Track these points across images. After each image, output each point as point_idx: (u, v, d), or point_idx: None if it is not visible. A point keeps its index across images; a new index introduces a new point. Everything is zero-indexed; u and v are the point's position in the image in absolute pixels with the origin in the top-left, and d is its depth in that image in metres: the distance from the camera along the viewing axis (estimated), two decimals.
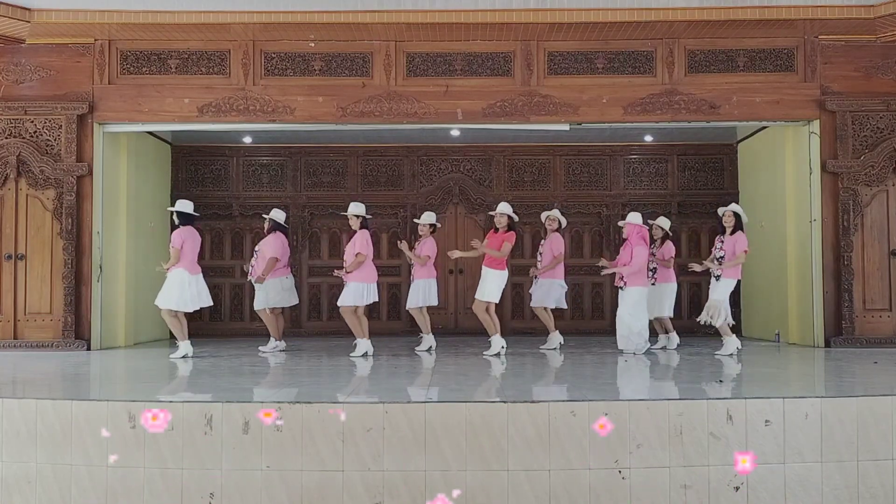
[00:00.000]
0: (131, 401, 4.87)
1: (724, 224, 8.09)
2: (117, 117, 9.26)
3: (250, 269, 8.84)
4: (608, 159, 11.83)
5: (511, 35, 9.17)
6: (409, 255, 8.91)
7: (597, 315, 11.72)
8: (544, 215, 9.28)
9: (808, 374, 7.01)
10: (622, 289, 8.26)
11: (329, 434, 4.65)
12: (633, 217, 8.38)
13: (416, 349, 8.76)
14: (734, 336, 8.15)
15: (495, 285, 8.21)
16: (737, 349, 8.05)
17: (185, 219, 8.18)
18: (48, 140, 9.13)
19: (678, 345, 8.89)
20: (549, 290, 8.97)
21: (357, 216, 8.31)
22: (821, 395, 5.00)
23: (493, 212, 8.64)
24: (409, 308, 9.08)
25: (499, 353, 8.10)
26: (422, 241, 8.91)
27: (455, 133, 10.87)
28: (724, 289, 7.97)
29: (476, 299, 8.31)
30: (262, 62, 9.33)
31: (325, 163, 11.82)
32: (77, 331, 9.03)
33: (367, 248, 8.14)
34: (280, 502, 4.62)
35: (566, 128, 9.44)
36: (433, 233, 9.01)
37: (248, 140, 11.44)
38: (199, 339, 10.78)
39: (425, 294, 8.86)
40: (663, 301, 8.83)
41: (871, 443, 4.83)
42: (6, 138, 9.08)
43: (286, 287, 8.91)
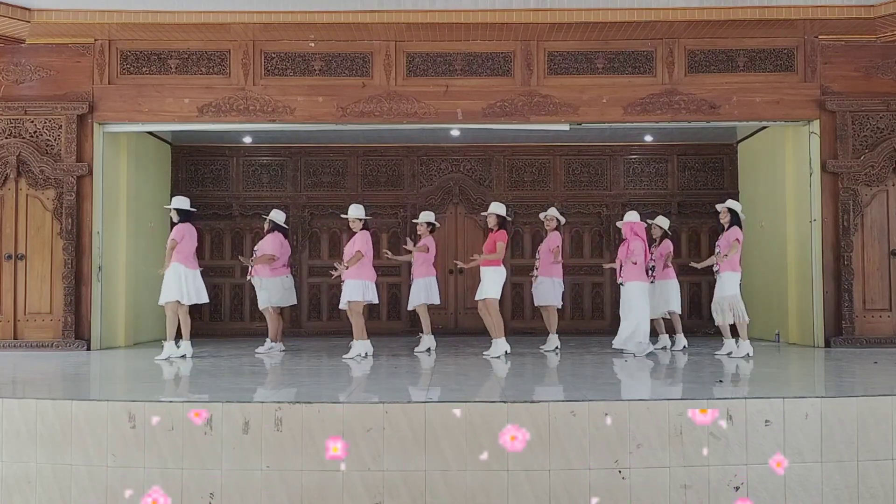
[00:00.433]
0: (131, 401, 4.87)
1: (721, 221, 8.11)
2: (117, 117, 9.26)
3: (250, 268, 8.85)
4: (608, 159, 11.83)
5: (511, 35, 9.17)
6: (411, 248, 8.91)
7: (597, 315, 11.73)
8: (542, 215, 9.27)
9: (808, 374, 7.01)
10: (623, 285, 8.23)
11: (329, 434, 4.65)
12: (631, 216, 8.37)
13: (416, 350, 8.74)
14: (747, 341, 7.96)
15: (493, 282, 8.17)
16: (748, 354, 7.87)
17: (183, 215, 8.19)
18: (48, 140, 9.13)
19: (684, 347, 8.77)
20: (551, 288, 8.87)
21: (360, 219, 8.31)
22: (821, 395, 4.99)
23: (485, 213, 8.59)
24: (412, 307, 9.07)
25: (500, 356, 7.99)
26: (421, 242, 8.92)
27: (455, 133, 10.87)
28: (728, 284, 7.88)
29: (483, 299, 8.20)
30: (262, 62, 9.33)
31: (325, 163, 11.83)
32: (77, 331, 9.03)
33: (367, 247, 8.15)
34: (280, 502, 4.62)
35: (566, 128, 9.44)
36: (432, 232, 9.02)
37: (248, 140, 11.44)
38: (199, 339, 10.77)
39: (427, 292, 8.86)
40: (666, 298, 8.77)
41: (871, 443, 4.83)
42: (6, 138, 9.08)
43: (286, 287, 8.93)
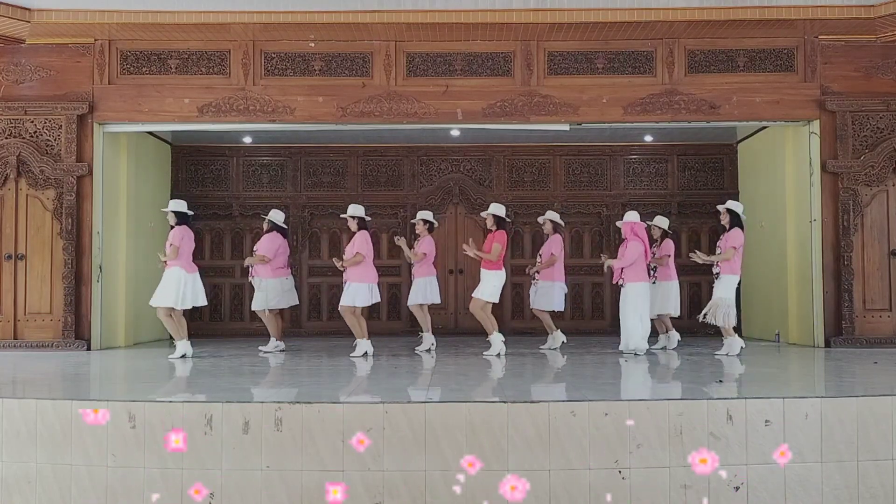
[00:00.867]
0: (131, 401, 4.87)
1: (722, 221, 8.14)
2: (117, 117, 9.26)
3: (251, 269, 8.85)
4: (608, 159, 11.83)
5: (511, 35, 9.17)
6: (408, 254, 8.92)
7: (597, 315, 11.73)
8: (541, 219, 9.27)
9: (808, 374, 7.01)
10: (623, 286, 8.22)
11: (329, 434, 4.65)
12: (630, 216, 8.37)
13: (416, 349, 8.75)
14: (737, 336, 8.07)
15: (492, 286, 8.19)
16: (741, 349, 8.00)
17: (181, 218, 8.20)
18: (48, 140, 9.13)
19: (678, 342, 8.87)
20: (548, 293, 8.93)
21: (354, 217, 8.31)
22: (821, 395, 5.00)
23: (484, 213, 8.59)
24: (410, 305, 9.08)
25: (499, 353, 8.06)
26: (420, 241, 8.92)
27: (455, 133, 10.87)
28: (724, 286, 7.94)
29: (473, 297, 8.28)
30: (262, 62, 9.33)
31: (325, 163, 11.82)
32: (77, 331, 9.03)
33: (366, 248, 8.15)
34: (280, 502, 4.62)
35: (566, 128, 9.44)
36: (431, 231, 9.01)
37: (248, 140, 11.44)
38: (199, 339, 10.77)
39: (425, 292, 8.86)
40: (666, 299, 8.77)
41: (871, 443, 4.83)
42: (6, 138, 9.08)
43: (286, 288, 8.91)
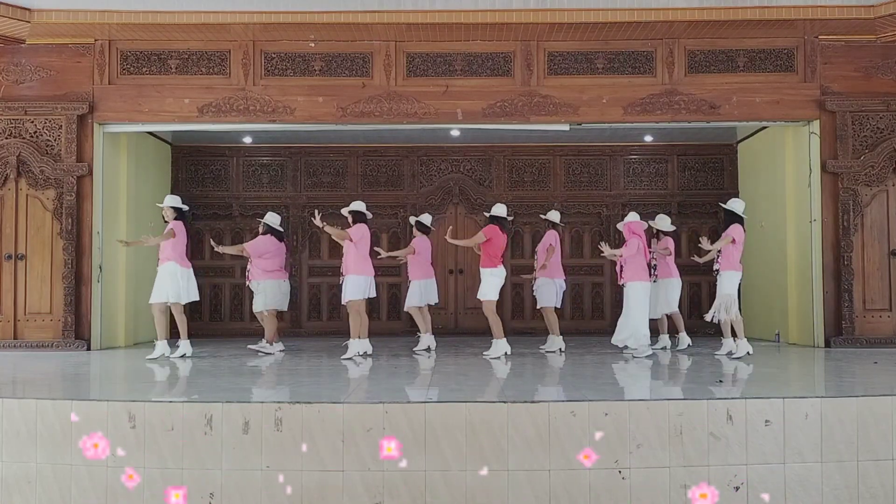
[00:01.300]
0: (131, 401, 4.87)
1: (725, 221, 8.07)
2: (117, 117, 9.26)
3: (247, 273, 8.83)
4: (608, 159, 11.83)
5: (511, 35, 9.17)
6: (397, 253, 8.91)
7: (597, 315, 11.72)
8: (543, 216, 9.23)
9: (808, 374, 7.01)
10: (624, 285, 8.13)
11: (329, 434, 4.65)
12: (630, 217, 8.32)
13: (414, 350, 8.72)
14: (745, 340, 7.93)
15: (490, 284, 8.12)
16: (748, 352, 7.87)
17: (178, 213, 8.22)
18: (48, 140, 9.13)
19: (689, 345, 8.72)
20: (548, 289, 8.81)
21: (350, 213, 8.23)
22: (821, 395, 4.99)
23: (488, 213, 8.57)
24: (406, 308, 9.06)
25: (500, 357, 7.95)
26: (413, 240, 8.93)
27: (455, 133, 10.87)
28: (727, 282, 7.85)
29: (481, 300, 8.20)
30: (262, 62, 9.33)
31: (325, 163, 11.83)
32: (77, 331, 9.03)
33: (359, 237, 8.02)
34: (280, 502, 4.62)
35: (566, 128, 9.44)
36: (427, 234, 9.00)
37: (248, 140, 11.44)
38: (199, 339, 10.77)
39: (421, 293, 8.83)
40: (667, 297, 8.71)
41: (871, 443, 4.83)
42: (6, 138, 9.08)
43: (283, 291, 8.87)
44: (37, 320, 9.11)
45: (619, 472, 4.66)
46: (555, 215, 9.11)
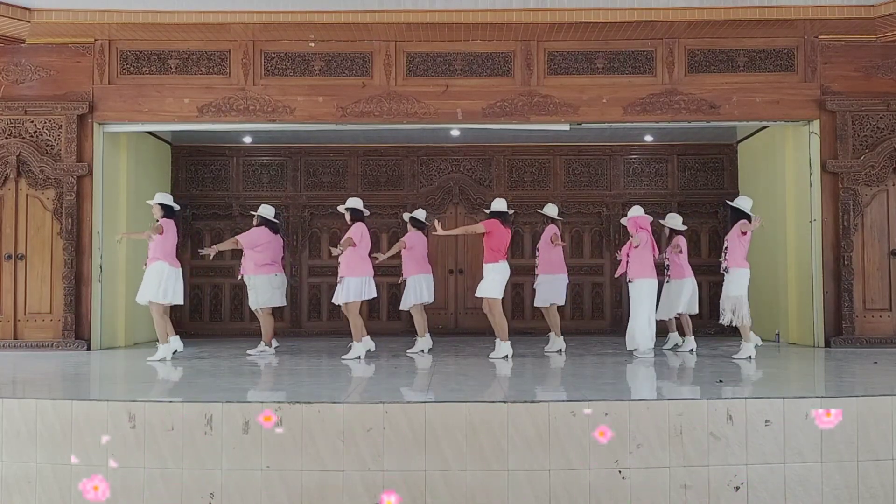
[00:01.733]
0: (131, 401, 4.87)
1: (731, 219, 7.93)
2: (117, 117, 9.26)
3: (240, 268, 8.70)
4: (608, 159, 11.83)
5: (511, 35, 9.17)
6: (392, 252, 8.84)
7: (597, 315, 11.72)
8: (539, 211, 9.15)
9: (808, 374, 7.01)
10: (631, 282, 8.02)
11: (329, 434, 4.65)
12: (634, 211, 8.22)
13: (408, 352, 8.61)
14: (752, 343, 7.77)
15: (494, 281, 7.91)
16: (749, 356, 7.63)
17: (168, 211, 8.09)
18: (48, 140, 9.13)
19: (692, 350, 8.48)
20: (552, 286, 8.69)
21: (347, 210, 8.14)
22: (821, 395, 5.00)
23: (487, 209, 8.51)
24: (403, 308, 8.99)
25: (506, 356, 7.86)
26: (405, 236, 8.87)
27: (455, 133, 10.87)
28: (734, 283, 7.63)
29: (484, 298, 7.99)
30: (262, 62, 9.34)
31: (325, 163, 11.83)
32: (77, 331, 9.03)
33: (359, 238, 7.95)
34: (280, 502, 4.62)
35: (566, 128, 9.44)
36: (421, 229, 8.93)
37: (248, 140, 11.44)
38: (199, 339, 10.79)
39: (417, 291, 8.73)
40: (679, 298, 8.53)
41: (871, 443, 4.83)
42: (6, 138, 9.08)
43: (275, 285, 8.63)
44: (37, 320, 9.11)
45: (619, 472, 4.66)
46: (552, 209, 8.95)
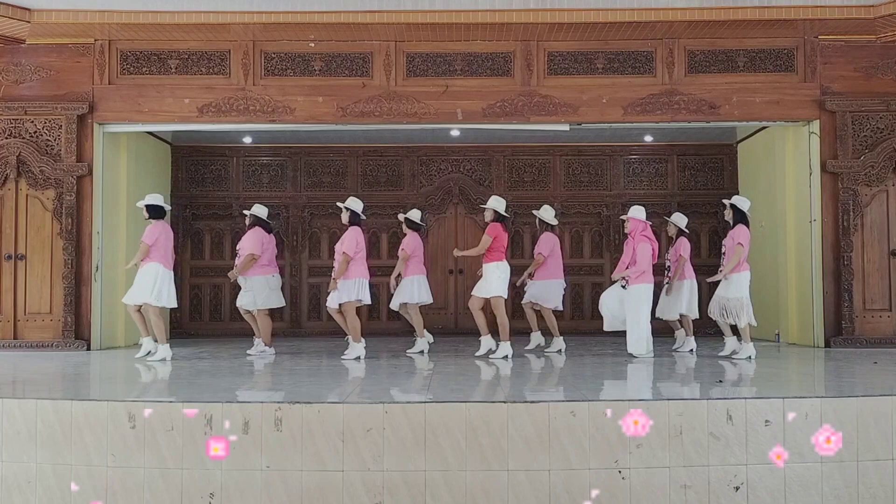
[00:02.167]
0: (131, 401, 4.87)
1: (725, 217, 7.92)
2: (117, 117, 9.26)
3: (236, 265, 8.52)
4: (608, 159, 11.83)
5: (511, 35, 9.17)
6: (399, 268, 8.73)
7: (597, 315, 11.53)
8: (535, 212, 9.05)
9: (808, 374, 7.01)
10: (625, 287, 7.98)
11: (329, 434, 4.65)
12: (636, 212, 8.08)
13: (408, 352, 8.60)
14: (751, 344, 7.71)
15: (497, 279, 7.84)
16: (750, 356, 7.61)
17: (155, 213, 7.99)
18: (48, 140, 9.13)
19: (692, 350, 8.45)
20: (543, 290, 8.68)
21: (347, 209, 8.04)
22: (821, 395, 5.00)
23: (483, 205, 8.38)
24: (392, 307, 8.92)
25: (506, 356, 7.83)
26: (404, 241, 8.83)
27: (455, 133, 10.88)
28: (736, 285, 7.55)
29: (473, 296, 7.96)
30: (262, 62, 9.34)
31: (325, 163, 11.83)
32: (77, 331, 9.03)
33: (354, 247, 7.83)
34: (280, 502, 4.62)
35: (566, 128, 9.44)
36: (417, 230, 8.91)
37: (248, 140, 11.45)
38: (198, 339, 10.80)
39: (411, 291, 8.67)
40: (679, 300, 8.49)
41: (871, 443, 4.83)
42: (6, 138, 9.08)
43: (272, 286, 8.50)
44: (37, 320, 9.11)
45: (619, 472, 4.66)
46: (548, 213, 8.87)
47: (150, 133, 10.64)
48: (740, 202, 7.83)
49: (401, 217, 9.10)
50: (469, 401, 4.85)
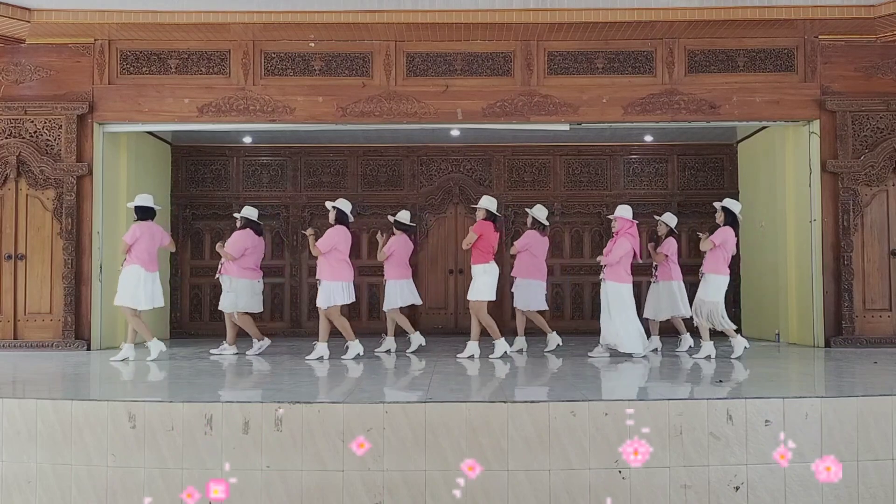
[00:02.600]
0: (131, 401, 4.87)
1: (717, 220, 7.92)
2: (117, 117, 9.27)
3: (220, 266, 8.54)
4: (608, 159, 11.83)
5: (511, 35, 9.17)
6: (381, 256, 8.75)
7: (597, 315, 11.58)
8: (528, 210, 8.98)
9: (808, 374, 7.01)
10: (602, 281, 7.92)
11: (329, 434, 4.65)
12: (623, 210, 8.00)
13: (408, 352, 8.58)
14: (739, 336, 7.78)
15: (482, 281, 7.82)
16: (744, 349, 7.69)
17: (142, 213, 7.97)
18: (48, 140, 9.13)
19: (690, 348, 8.48)
20: (526, 291, 8.59)
21: (334, 208, 8.01)
22: (821, 395, 5.00)
23: (475, 205, 8.34)
24: (385, 309, 8.90)
25: (503, 354, 7.86)
26: (391, 241, 8.79)
27: (455, 133, 10.87)
28: (711, 289, 7.59)
29: (470, 300, 7.97)
30: (262, 62, 9.34)
31: (325, 163, 11.83)
32: (77, 331, 9.03)
33: (334, 243, 7.80)
34: (280, 502, 4.62)
35: (566, 128, 9.44)
36: (407, 232, 8.87)
37: (248, 140, 11.44)
38: (198, 339, 10.79)
39: (400, 295, 8.68)
40: (671, 300, 8.47)
41: (871, 443, 4.83)
42: (6, 138, 9.08)
43: (256, 291, 8.47)
44: (37, 320, 9.11)
45: (619, 472, 4.66)
46: (541, 212, 8.74)
47: (150, 133, 10.64)
48: (732, 205, 7.84)
49: (390, 219, 9.03)
50: (469, 401, 4.85)
